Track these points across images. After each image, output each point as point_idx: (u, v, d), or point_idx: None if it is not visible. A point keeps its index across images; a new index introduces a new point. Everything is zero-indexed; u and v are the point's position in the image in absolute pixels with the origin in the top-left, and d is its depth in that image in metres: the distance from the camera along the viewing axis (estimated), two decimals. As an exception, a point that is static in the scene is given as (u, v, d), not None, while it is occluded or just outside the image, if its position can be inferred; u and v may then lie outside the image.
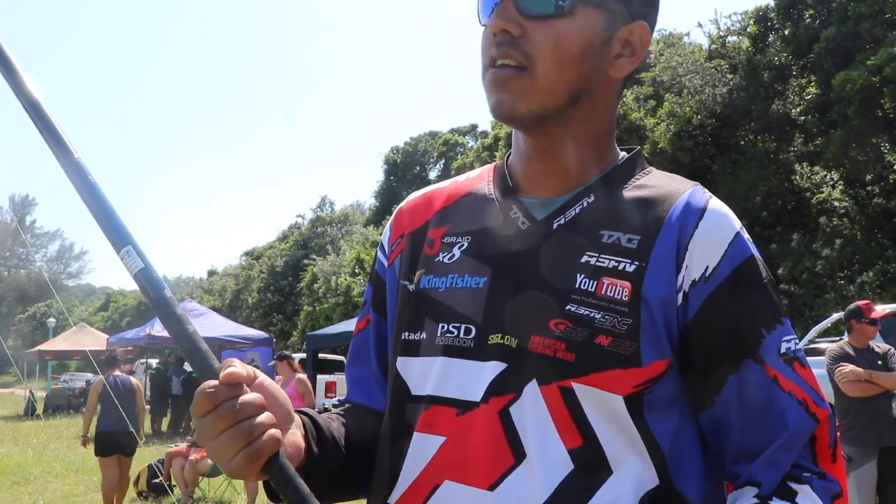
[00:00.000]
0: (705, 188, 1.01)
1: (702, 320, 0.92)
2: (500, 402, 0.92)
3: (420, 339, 1.01)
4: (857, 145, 16.77)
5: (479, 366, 0.95)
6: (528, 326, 0.94)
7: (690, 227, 0.94)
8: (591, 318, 0.91)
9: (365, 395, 1.14)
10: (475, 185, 1.12)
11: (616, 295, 0.92)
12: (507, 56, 0.95)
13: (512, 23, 0.95)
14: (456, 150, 43.46)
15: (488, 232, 1.03)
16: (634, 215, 0.97)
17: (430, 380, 0.98)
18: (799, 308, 15.99)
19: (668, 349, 0.93)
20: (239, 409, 0.80)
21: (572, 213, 0.99)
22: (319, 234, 39.86)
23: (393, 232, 1.15)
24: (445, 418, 0.95)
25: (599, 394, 0.90)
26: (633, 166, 1.05)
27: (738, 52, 20.52)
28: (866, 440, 4.90)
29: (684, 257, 0.93)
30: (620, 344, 0.90)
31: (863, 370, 4.89)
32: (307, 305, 32.47)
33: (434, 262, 1.05)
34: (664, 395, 0.93)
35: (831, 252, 15.78)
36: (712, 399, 0.94)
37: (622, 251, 0.94)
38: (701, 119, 18.88)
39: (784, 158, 18.57)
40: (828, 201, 16.83)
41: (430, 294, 1.03)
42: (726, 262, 0.93)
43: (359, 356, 1.17)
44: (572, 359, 0.90)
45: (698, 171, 19.15)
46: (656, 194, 0.99)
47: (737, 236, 0.95)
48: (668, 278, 0.93)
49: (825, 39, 17.35)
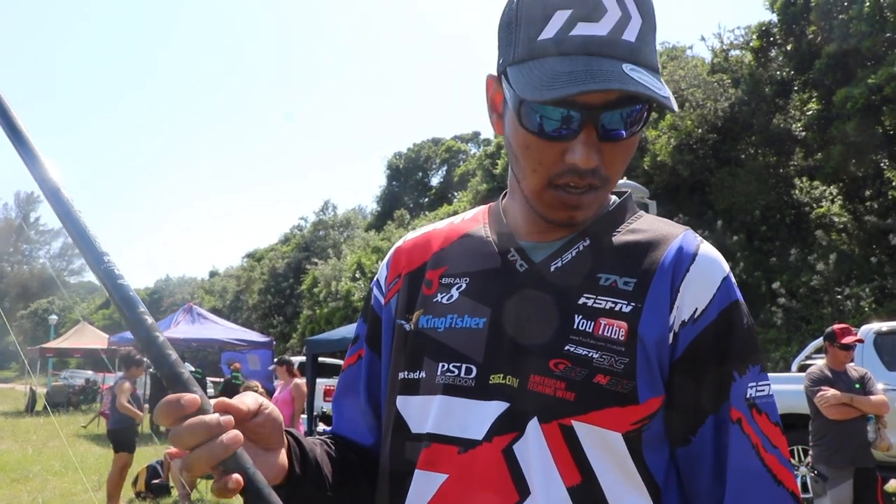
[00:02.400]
0: (696, 232, 1.06)
1: (687, 359, 0.96)
2: (504, 440, 0.94)
3: (419, 377, 1.03)
4: (856, 161, 16.87)
5: (480, 405, 0.97)
6: (528, 366, 0.96)
7: (683, 271, 0.98)
8: (590, 358, 0.94)
9: (352, 430, 1.16)
10: (471, 227, 1.15)
11: (613, 335, 0.95)
12: (588, 183, 0.96)
13: (598, 155, 0.94)
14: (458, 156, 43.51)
15: (487, 274, 1.05)
16: (630, 259, 1.00)
17: (430, 418, 1.00)
18: (796, 322, 16.05)
19: (661, 386, 0.96)
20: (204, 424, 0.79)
21: (569, 256, 1.02)
22: (321, 237, 39.92)
23: (390, 271, 1.17)
24: (447, 456, 0.97)
25: (599, 431, 0.93)
26: (623, 211, 1.08)
27: (740, 66, 20.61)
28: (843, 460, 5.05)
29: (676, 298, 0.97)
30: (618, 383, 0.93)
31: (843, 394, 5.02)
32: (307, 309, 32.53)
33: (432, 302, 1.07)
34: (659, 431, 0.97)
35: (827, 267, 15.86)
36: (689, 437, 0.97)
37: (619, 293, 0.97)
38: (702, 133, 18.97)
39: (784, 172, 18.65)
40: (826, 216, 16.91)
41: (428, 334, 1.05)
42: (714, 306, 0.97)
43: (348, 391, 1.19)
44: (572, 398, 0.93)
45: (698, 183, 19.22)
46: (650, 238, 1.02)
47: (724, 281, 0.99)
48: (662, 318, 0.96)
49: (826, 56, 17.46)
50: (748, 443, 0.95)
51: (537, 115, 0.94)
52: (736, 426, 0.95)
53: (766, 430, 0.96)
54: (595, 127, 0.93)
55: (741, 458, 0.94)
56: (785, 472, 0.96)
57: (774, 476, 0.95)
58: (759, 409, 0.96)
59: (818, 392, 5.08)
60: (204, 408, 0.79)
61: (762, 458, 0.95)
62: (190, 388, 0.80)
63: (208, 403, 0.80)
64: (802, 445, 7.88)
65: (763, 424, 0.96)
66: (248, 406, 0.86)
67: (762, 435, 0.96)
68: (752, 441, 0.95)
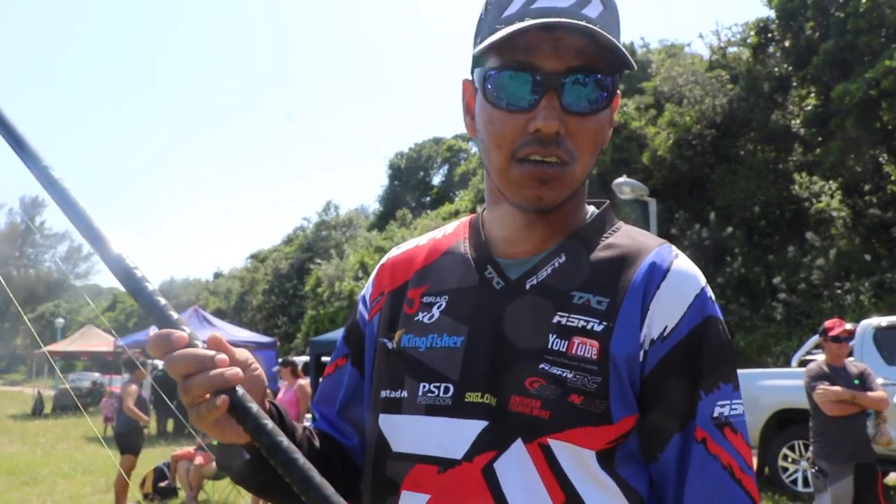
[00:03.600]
0: (672, 245, 1.04)
1: (655, 378, 0.95)
2: (484, 459, 0.95)
3: (401, 397, 1.03)
4: (855, 156, 16.92)
5: (459, 423, 0.97)
6: (505, 385, 0.96)
7: (654, 287, 0.97)
8: (564, 378, 0.94)
9: (333, 429, 1.19)
10: (452, 242, 1.15)
11: (585, 354, 0.95)
12: (553, 155, 0.96)
13: (560, 122, 0.95)
14: (459, 156, 43.48)
15: (465, 292, 1.06)
16: (603, 277, 0.99)
17: (412, 438, 1.00)
18: (796, 317, 16.11)
19: (635, 405, 0.95)
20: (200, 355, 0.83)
21: (544, 273, 1.02)
22: (324, 237, 39.99)
23: (374, 288, 1.18)
24: (428, 476, 0.98)
25: (573, 449, 0.93)
26: (602, 223, 1.08)
27: (738, 62, 20.62)
28: (843, 456, 5.08)
29: (646, 316, 0.96)
30: (591, 402, 0.93)
31: (843, 390, 5.06)
32: (311, 309, 32.60)
33: (414, 321, 1.07)
34: (634, 447, 0.97)
35: (827, 262, 15.91)
36: (657, 454, 0.96)
37: (592, 311, 0.97)
38: (701, 128, 19.01)
39: (783, 168, 18.70)
40: (826, 211, 16.96)
41: (410, 353, 1.05)
42: (684, 323, 0.96)
43: (326, 399, 1.21)
44: (547, 416, 0.93)
45: (697, 179, 19.27)
46: (624, 254, 1.01)
47: (697, 298, 0.97)
48: (633, 337, 0.95)
49: (824, 52, 17.49)
50: (716, 464, 0.93)
51: (497, 88, 0.96)
52: (700, 446, 0.94)
53: (741, 450, 0.95)
54: (557, 94, 0.94)
55: (702, 478, 0.93)
56: (755, 493, 0.95)
57: (752, 499, 0.94)
58: (733, 429, 0.95)
59: (817, 388, 5.13)
60: (192, 343, 0.84)
61: (737, 480, 0.93)
62: (179, 327, 0.84)
63: (198, 340, 0.85)
64: (803, 441, 7.96)
65: (738, 444, 0.95)
66: (240, 354, 0.91)
67: (737, 455, 0.94)
68: (721, 461, 0.93)
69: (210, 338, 0.87)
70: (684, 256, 1.02)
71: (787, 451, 8.36)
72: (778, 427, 8.41)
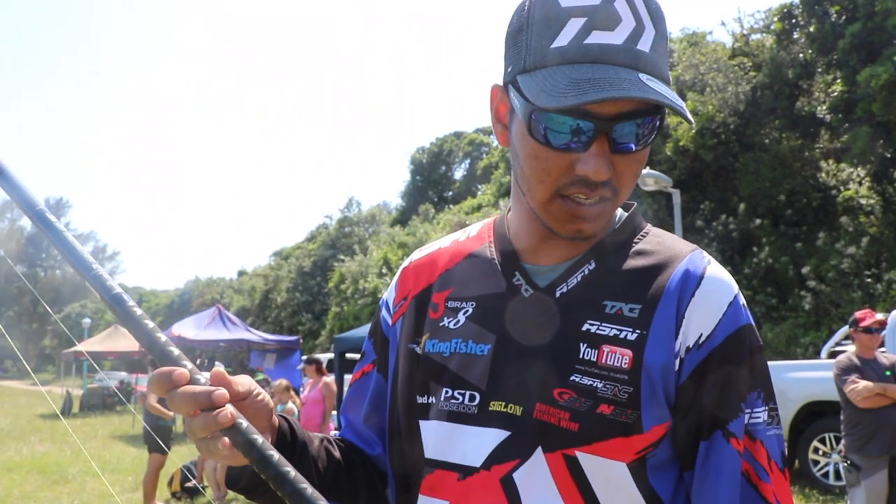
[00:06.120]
0: (703, 251, 1.03)
1: (691, 385, 0.94)
2: (503, 468, 0.95)
3: (429, 402, 1.03)
4: (883, 142, 16.61)
5: (481, 432, 0.97)
6: (532, 395, 0.95)
7: (688, 295, 0.96)
8: (594, 388, 0.93)
9: (357, 438, 1.18)
10: (476, 246, 1.13)
11: (616, 363, 0.93)
12: (598, 195, 0.94)
13: (609, 168, 0.92)
14: (481, 150, 43.46)
15: (492, 298, 1.04)
16: (635, 284, 0.98)
17: (436, 443, 1.01)
18: (825, 307, 15.88)
19: (667, 413, 0.94)
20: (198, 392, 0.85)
21: (574, 280, 1.01)
22: (347, 234, 40.11)
23: (398, 292, 1.18)
24: (448, 482, 0.98)
25: (603, 462, 0.92)
26: (630, 228, 1.06)
27: (761, 49, 20.35)
28: (876, 450, 4.98)
29: (682, 324, 0.95)
30: (622, 413, 0.92)
31: (875, 384, 4.96)
32: (335, 306, 32.73)
33: (438, 326, 1.07)
34: (665, 456, 0.96)
35: (857, 250, 15.64)
36: (691, 461, 0.96)
37: (624, 320, 0.96)
38: (724, 117, 18.77)
39: (809, 156, 18.41)
40: (854, 199, 16.67)
41: (434, 359, 1.05)
42: (720, 330, 0.95)
43: (354, 404, 1.21)
44: (576, 428, 0.92)
45: (721, 169, 19.03)
46: (656, 261, 1.00)
47: (731, 305, 0.97)
48: (668, 345, 0.94)
49: (850, 35, 17.19)
50: (735, 469, 0.94)
51: (545, 125, 0.91)
52: (733, 452, 0.94)
53: (759, 457, 0.95)
54: (608, 138, 0.91)
55: (732, 484, 0.94)
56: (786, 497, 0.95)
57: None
58: (752, 437, 0.95)
59: (848, 382, 5.02)
60: (194, 379, 0.85)
61: (754, 485, 0.94)
62: (180, 363, 0.86)
63: (199, 374, 0.87)
64: (834, 433, 7.84)
65: (756, 452, 0.95)
66: (241, 385, 0.92)
67: (753, 461, 0.95)
68: (741, 467, 0.94)
69: (213, 373, 0.88)
70: (716, 262, 1.01)
71: (817, 444, 8.22)
72: (808, 419, 8.27)
